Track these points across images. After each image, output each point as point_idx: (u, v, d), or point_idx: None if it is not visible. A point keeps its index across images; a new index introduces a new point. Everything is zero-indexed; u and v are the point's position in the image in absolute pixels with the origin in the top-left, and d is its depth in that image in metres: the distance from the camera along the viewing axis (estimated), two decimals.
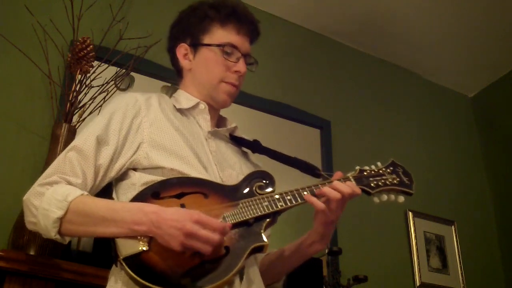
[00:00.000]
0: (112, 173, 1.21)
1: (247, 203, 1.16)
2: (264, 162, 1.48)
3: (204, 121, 1.37)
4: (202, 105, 1.38)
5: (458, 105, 3.56)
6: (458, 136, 3.42)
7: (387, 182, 1.31)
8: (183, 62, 1.41)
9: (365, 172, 1.31)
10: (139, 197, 1.13)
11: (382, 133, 3.10)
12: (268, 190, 1.21)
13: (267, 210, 1.16)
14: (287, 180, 1.33)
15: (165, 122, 1.28)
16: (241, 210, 1.15)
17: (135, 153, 1.21)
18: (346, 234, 2.54)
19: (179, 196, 1.13)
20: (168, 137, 1.25)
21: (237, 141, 1.45)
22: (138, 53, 2.25)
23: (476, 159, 3.41)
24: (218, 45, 1.36)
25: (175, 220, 1.02)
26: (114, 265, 1.11)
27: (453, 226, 3.00)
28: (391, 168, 1.35)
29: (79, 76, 2.02)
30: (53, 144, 1.87)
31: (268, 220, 1.16)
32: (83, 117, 1.99)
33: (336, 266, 2.37)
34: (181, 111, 1.36)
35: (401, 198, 1.32)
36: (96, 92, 2.07)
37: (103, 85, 2.10)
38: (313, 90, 2.98)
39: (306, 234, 1.30)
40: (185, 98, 1.39)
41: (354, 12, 3.01)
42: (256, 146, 1.45)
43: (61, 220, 1.09)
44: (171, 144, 1.23)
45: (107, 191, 1.23)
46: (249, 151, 1.49)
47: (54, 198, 1.09)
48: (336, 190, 1.20)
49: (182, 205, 1.11)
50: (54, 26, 2.13)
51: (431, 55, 3.31)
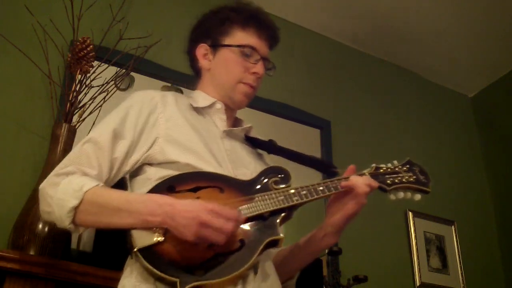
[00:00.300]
0: (127, 167, 1.21)
1: (263, 197, 1.16)
2: (278, 164, 1.46)
3: (220, 120, 1.38)
4: (219, 105, 1.39)
5: (458, 105, 3.56)
6: (458, 136, 3.42)
7: (404, 179, 1.31)
8: (203, 62, 1.42)
9: (381, 170, 1.31)
10: (155, 191, 1.13)
11: (382, 133, 3.10)
12: (283, 185, 1.21)
13: (282, 205, 1.16)
14: (304, 179, 1.30)
15: (181, 119, 1.28)
16: (256, 204, 1.15)
17: (151, 148, 1.22)
18: (346, 234, 2.49)
19: (194, 190, 1.13)
20: (184, 133, 1.25)
21: (252, 142, 1.45)
22: (138, 53, 2.25)
23: (476, 159, 3.40)
24: (238, 46, 1.37)
25: (190, 211, 1.03)
26: (129, 257, 1.12)
27: (453, 226, 3.00)
28: (407, 166, 1.35)
29: (79, 76, 2.02)
30: (53, 144, 1.87)
31: (283, 214, 1.16)
32: (83, 117, 1.99)
33: (336, 266, 2.37)
34: (197, 110, 1.37)
35: (418, 196, 1.32)
36: (96, 92, 2.06)
37: (103, 85, 2.09)
38: (313, 90, 2.98)
39: (317, 227, 1.29)
40: (202, 97, 1.40)
41: (354, 12, 3.01)
42: (271, 146, 1.46)
43: (75, 210, 1.09)
44: (186, 140, 1.24)
45: (120, 188, 1.22)
46: (264, 153, 1.49)
47: (70, 188, 1.10)
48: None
49: (198, 199, 1.11)
50: (54, 26, 2.13)
51: (431, 55, 3.31)
